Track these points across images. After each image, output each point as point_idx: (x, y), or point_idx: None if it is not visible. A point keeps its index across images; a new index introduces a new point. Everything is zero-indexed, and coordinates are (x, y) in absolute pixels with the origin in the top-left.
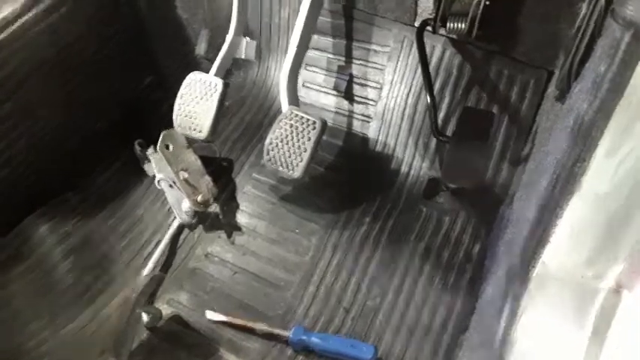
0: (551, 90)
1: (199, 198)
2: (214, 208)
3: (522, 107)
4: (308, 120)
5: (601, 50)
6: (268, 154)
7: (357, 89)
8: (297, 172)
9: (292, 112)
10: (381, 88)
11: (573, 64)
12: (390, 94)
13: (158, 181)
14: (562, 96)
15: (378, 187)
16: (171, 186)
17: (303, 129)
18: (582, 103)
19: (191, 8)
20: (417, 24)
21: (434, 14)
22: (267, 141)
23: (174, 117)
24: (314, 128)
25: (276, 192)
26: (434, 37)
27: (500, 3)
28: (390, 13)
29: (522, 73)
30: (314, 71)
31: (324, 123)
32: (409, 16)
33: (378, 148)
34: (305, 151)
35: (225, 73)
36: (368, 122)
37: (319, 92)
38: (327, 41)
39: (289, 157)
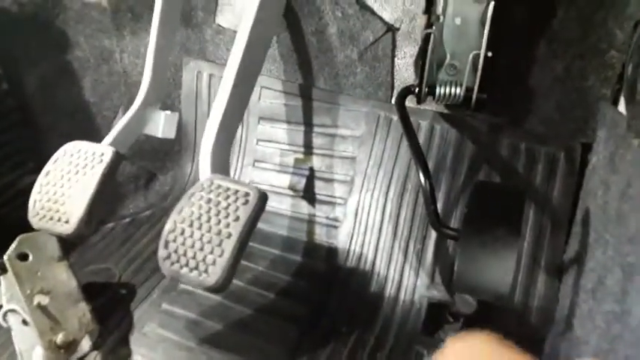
0: (597, 160)
1: (59, 338)
2: (93, 358)
3: (554, 191)
4: (237, 192)
5: None
6: (167, 247)
7: (320, 186)
8: (213, 276)
9: (213, 182)
10: (351, 182)
11: None
12: (365, 187)
13: (4, 315)
14: None
15: (353, 319)
16: (25, 322)
17: (228, 205)
18: None
19: (105, 89)
20: (394, 100)
21: (418, 80)
22: (168, 226)
23: (30, 203)
24: (245, 202)
25: (194, 331)
26: (418, 112)
27: (506, 57)
28: (360, 89)
29: (546, 146)
30: (263, 167)
31: (262, 195)
32: (384, 92)
33: (351, 262)
34: (229, 238)
35: (149, 177)
36: (335, 227)
37: (270, 193)
38: (279, 129)
39: (201, 250)
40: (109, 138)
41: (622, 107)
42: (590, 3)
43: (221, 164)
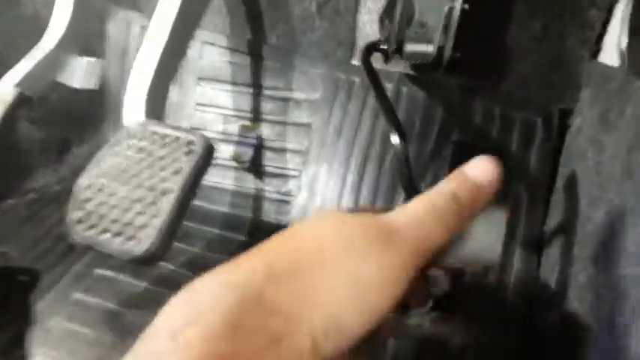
0: (582, 121)
1: None
2: None
3: (531, 158)
4: (177, 139)
5: None
6: (81, 207)
7: (269, 157)
8: (144, 242)
9: (146, 128)
10: (307, 152)
11: None
12: (323, 157)
13: None
14: None
15: None
16: None
17: (165, 155)
18: None
19: (11, 35)
20: (355, 61)
21: (385, 36)
22: (82, 181)
23: None
24: (188, 152)
25: (113, 324)
26: (383, 73)
27: (480, 14)
28: (317, 47)
29: (522, 111)
30: None
31: (208, 144)
32: (344, 51)
33: None
34: (166, 195)
35: (61, 146)
36: (287, 202)
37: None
38: (222, 92)
39: (128, 210)
40: (13, 76)
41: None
42: None
43: (155, 110)
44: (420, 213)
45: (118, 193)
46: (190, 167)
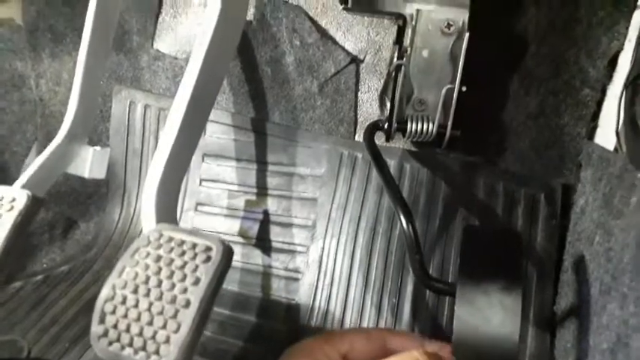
0: (586, 203)
1: None
2: None
3: (537, 236)
4: (195, 245)
5: None
6: (104, 321)
7: (276, 232)
8: (166, 358)
9: (162, 234)
10: (313, 227)
11: None
12: (330, 232)
13: None
14: None
15: None
16: None
17: (184, 263)
18: None
19: (15, 119)
20: (358, 137)
21: (387, 115)
22: (105, 293)
23: None
24: (206, 259)
25: None
26: (384, 150)
27: (477, 93)
28: (320, 124)
29: (524, 186)
30: (208, 212)
31: (227, 249)
32: (346, 128)
33: (316, 321)
34: (187, 307)
35: (67, 225)
36: (296, 280)
37: None
38: (227, 167)
39: (150, 325)
40: (23, 178)
41: (604, 144)
42: (562, 39)
43: (168, 212)
44: None
45: (139, 306)
46: (209, 277)
